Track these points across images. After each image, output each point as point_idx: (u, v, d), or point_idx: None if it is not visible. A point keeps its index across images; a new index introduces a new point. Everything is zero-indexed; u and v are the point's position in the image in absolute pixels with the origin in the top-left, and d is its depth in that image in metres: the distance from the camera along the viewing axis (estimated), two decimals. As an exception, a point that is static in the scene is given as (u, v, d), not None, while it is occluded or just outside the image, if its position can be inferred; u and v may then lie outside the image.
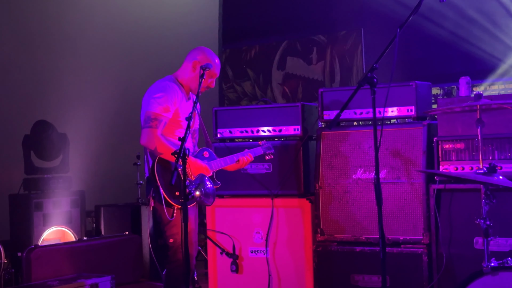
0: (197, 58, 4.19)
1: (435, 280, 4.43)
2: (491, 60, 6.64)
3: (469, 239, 4.33)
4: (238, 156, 4.35)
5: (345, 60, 7.97)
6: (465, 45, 6.77)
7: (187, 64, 4.21)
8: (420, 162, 4.53)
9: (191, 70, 4.18)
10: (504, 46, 6.55)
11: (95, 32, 7.51)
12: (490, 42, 6.62)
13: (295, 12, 8.28)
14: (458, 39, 6.81)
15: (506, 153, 4.34)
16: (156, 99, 4.00)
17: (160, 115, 3.98)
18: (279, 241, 4.98)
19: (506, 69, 6.57)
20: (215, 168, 4.23)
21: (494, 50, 6.60)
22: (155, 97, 4.01)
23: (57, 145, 6.65)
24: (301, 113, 5.02)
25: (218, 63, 4.26)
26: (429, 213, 4.48)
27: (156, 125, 3.95)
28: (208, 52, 4.24)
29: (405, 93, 4.67)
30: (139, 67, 7.81)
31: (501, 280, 3.19)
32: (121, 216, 6.94)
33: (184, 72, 4.21)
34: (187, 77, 4.19)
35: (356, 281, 4.66)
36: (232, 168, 4.40)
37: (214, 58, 4.24)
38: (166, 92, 4.03)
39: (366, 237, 4.66)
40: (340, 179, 4.78)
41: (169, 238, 4.00)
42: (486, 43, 6.64)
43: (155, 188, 3.92)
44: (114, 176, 7.44)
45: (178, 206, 3.90)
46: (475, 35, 6.73)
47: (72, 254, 5.96)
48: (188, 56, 4.26)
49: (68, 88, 7.16)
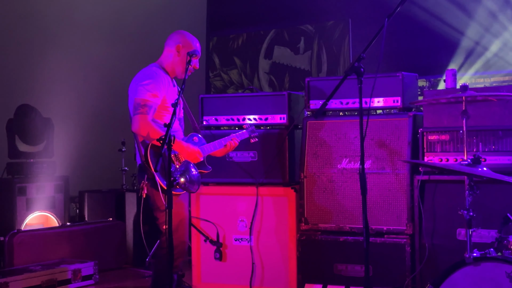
0: (179, 41, 4.22)
1: (417, 270, 4.46)
2: (477, 53, 6.67)
3: (452, 230, 4.36)
4: (226, 140, 4.39)
5: (332, 50, 7.96)
6: (452, 37, 6.79)
7: (169, 49, 4.24)
8: (405, 153, 4.55)
9: (175, 54, 4.20)
10: (491, 39, 6.57)
11: (81, 16, 7.43)
12: (477, 35, 6.64)
13: (283, 1, 8.25)
14: (445, 31, 6.83)
15: (490, 145, 4.36)
16: (144, 86, 4.00)
17: (150, 101, 3.98)
18: (263, 229, 4.99)
19: (493, 61, 6.59)
20: (206, 152, 4.27)
21: (481, 43, 6.62)
22: (143, 84, 4.02)
23: (41, 130, 6.60)
24: (287, 102, 5.01)
25: (199, 45, 4.31)
26: (413, 204, 4.50)
27: (146, 111, 3.95)
28: (188, 35, 4.29)
29: (391, 84, 4.67)
30: (125, 53, 7.75)
31: (482, 271, 3.21)
32: (105, 202, 6.92)
33: (168, 57, 4.23)
34: (171, 62, 4.21)
35: (339, 270, 4.68)
36: (220, 153, 4.43)
37: (195, 40, 4.28)
38: (153, 78, 4.04)
39: (350, 227, 4.68)
40: (325, 168, 4.79)
41: (163, 224, 3.97)
42: (474, 36, 6.66)
43: (149, 175, 3.90)
44: (99, 162, 7.40)
45: (175, 192, 3.89)
46: (461, 27, 6.75)
47: (55, 240, 5.95)
48: (168, 41, 4.28)
49: (53, 73, 7.09)
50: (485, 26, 6.56)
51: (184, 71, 4.06)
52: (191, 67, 4.06)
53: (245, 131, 4.61)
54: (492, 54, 6.55)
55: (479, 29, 6.59)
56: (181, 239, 4.03)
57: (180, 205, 4.06)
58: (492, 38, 6.54)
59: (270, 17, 8.38)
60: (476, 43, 6.64)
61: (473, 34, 6.64)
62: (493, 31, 6.51)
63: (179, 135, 4.21)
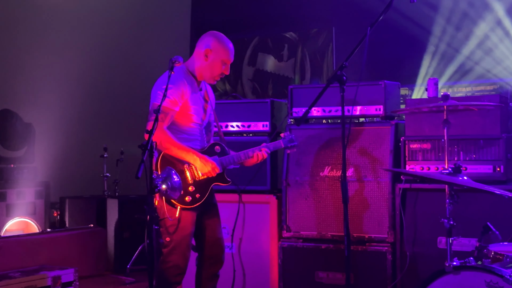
0: (209, 45, 3.94)
1: (398, 278, 4.47)
2: (460, 62, 6.71)
3: (433, 239, 4.38)
4: (254, 151, 4.03)
5: (316, 58, 7.98)
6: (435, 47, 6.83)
7: (198, 51, 3.96)
8: (387, 161, 4.56)
9: (203, 58, 3.93)
10: (474, 49, 6.62)
11: (63, 21, 7.39)
12: (460, 45, 6.69)
13: (267, 9, 8.26)
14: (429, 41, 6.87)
15: (471, 154, 4.39)
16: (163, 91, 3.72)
17: (167, 108, 3.74)
18: (245, 236, 4.98)
19: (475, 71, 6.64)
20: (226, 164, 3.97)
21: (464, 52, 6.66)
22: (162, 89, 3.69)
23: (22, 135, 6.55)
24: (270, 109, 5.02)
25: (231, 48, 3.99)
26: (395, 212, 4.52)
27: (161, 118, 3.67)
28: (220, 38, 3.98)
29: (374, 92, 4.69)
30: (108, 59, 7.72)
31: (462, 279, 3.22)
32: (86, 208, 6.87)
33: (195, 60, 3.96)
34: (199, 66, 3.94)
35: (321, 278, 4.68)
36: (248, 163, 4.10)
37: (227, 43, 3.99)
38: (174, 84, 3.77)
39: (332, 235, 4.68)
40: (308, 176, 4.79)
41: (166, 236, 3.82)
42: (457, 45, 6.71)
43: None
44: (80, 167, 7.35)
45: (181, 206, 3.79)
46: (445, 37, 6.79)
47: (35, 246, 5.89)
48: (199, 42, 4.00)
49: (34, 78, 7.04)
50: (467, 36, 6.60)
51: (212, 77, 3.91)
52: (219, 73, 3.92)
53: (280, 141, 4.16)
54: (474, 63, 6.59)
55: (462, 38, 6.63)
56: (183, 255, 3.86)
57: (188, 220, 3.84)
58: (475, 47, 6.58)
59: (254, 24, 8.38)
60: (458, 52, 6.69)
61: (456, 44, 6.68)
62: (476, 40, 6.56)
63: (195, 144, 3.94)
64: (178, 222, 3.80)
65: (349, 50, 3.65)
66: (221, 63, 3.93)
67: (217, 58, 3.92)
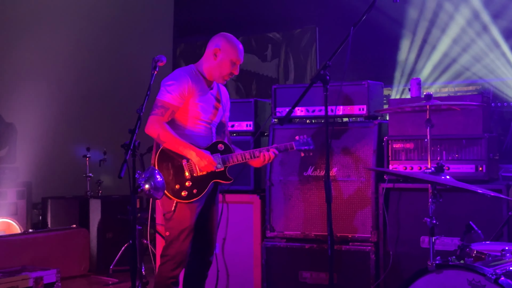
0: (218, 45, 3.98)
1: (381, 278, 4.48)
2: (442, 63, 6.75)
3: (416, 238, 4.38)
4: (261, 150, 4.00)
5: (299, 58, 7.99)
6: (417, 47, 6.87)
7: (208, 51, 4.00)
8: (370, 161, 4.57)
9: (212, 58, 3.96)
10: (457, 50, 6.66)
11: (44, 21, 7.33)
12: (443, 46, 6.72)
13: (250, 9, 8.26)
14: (411, 41, 6.90)
15: (454, 154, 4.42)
16: (166, 87, 3.83)
17: (168, 103, 3.80)
18: (229, 236, 4.97)
19: (457, 71, 6.68)
20: (228, 162, 3.97)
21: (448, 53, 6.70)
22: (166, 85, 3.84)
23: (4, 135, 6.51)
24: (254, 109, 5.01)
25: (241, 49, 4.04)
26: (378, 212, 4.53)
27: (161, 113, 3.78)
28: (230, 39, 4.03)
29: (357, 92, 4.70)
30: (90, 58, 7.68)
31: (445, 278, 3.23)
32: (68, 208, 6.83)
33: (205, 60, 4.00)
34: (208, 66, 3.97)
35: (304, 278, 4.68)
36: (255, 164, 4.08)
37: (237, 43, 4.04)
38: (177, 80, 3.84)
39: (315, 234, 4.69)
40: (291, 176, 4.79)
41: (166, 230, 3.89)
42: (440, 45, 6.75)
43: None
44: (63, 168, 7.30)
45: (177, 200, 3.81)
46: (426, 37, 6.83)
47: (17, 247, 5.84)
48: (209, 43, 4.04)
49: (16, 77, 6.98)
50: (451, 37, 6.64)
51: (221, 76, 3.94)
52: (228, 72, 3.95)
53: (292, 143, 4.11)
54: (457, 64, 6.63)
55: (446, 39, 6.67)
56: (179, 249, 3.85)
57: (185, 214, 3.84)
58: (458, 48, 6.62)
59: (238, 24, 8.37)
60: (442, 53, 6.73)
61: (440, 45, 6.72)
62: (459, 42, 6.60)
63: (200, 142, 3.92)
64: (175, 216, 3.82)
65: (332, 50, 3.66)
66: (230, 63, 3.96)
67: (226, 57, 3.96)
